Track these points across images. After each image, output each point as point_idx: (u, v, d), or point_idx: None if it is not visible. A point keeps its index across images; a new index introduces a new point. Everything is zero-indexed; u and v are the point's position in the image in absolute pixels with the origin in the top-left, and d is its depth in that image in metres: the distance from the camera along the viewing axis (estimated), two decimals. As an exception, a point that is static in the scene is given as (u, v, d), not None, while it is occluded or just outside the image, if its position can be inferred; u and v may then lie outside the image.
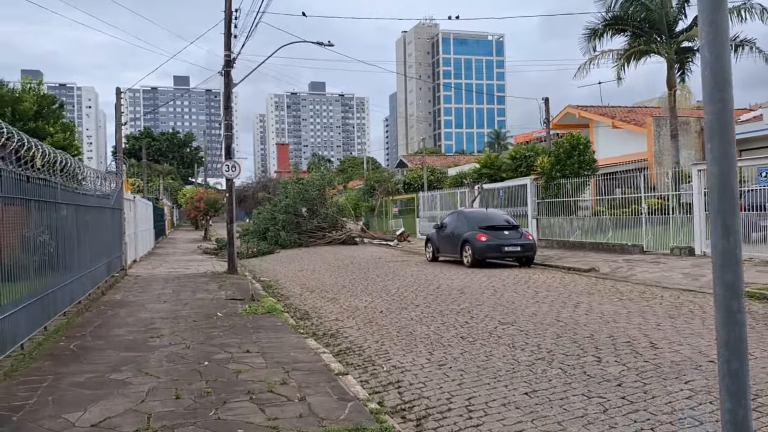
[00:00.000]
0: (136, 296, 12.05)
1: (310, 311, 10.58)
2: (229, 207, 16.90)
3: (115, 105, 16.73)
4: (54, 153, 8.43)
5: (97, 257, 12.37)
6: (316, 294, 12.60)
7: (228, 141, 16.62)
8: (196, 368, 6.23)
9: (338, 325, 9.08)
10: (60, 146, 14.30)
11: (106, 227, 13.85)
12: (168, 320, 9.21)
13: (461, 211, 17.61)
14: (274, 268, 19.31)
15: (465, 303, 10.16)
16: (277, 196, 31.34)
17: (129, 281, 14.82)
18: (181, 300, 11.41)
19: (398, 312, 9.74)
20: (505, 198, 25.18)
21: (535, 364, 6.30)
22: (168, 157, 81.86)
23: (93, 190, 12.18)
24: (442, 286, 12.45)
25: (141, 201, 24.74)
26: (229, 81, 16.45)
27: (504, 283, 12.61)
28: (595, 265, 14.94)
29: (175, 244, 33.12)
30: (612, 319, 8.40)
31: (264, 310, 9.98)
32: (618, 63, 20.56)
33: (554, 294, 10.80)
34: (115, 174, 15.84)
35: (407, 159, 55.03)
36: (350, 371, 6.38)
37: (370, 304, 10.70)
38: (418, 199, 34.38)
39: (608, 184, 21.05)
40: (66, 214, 9.50)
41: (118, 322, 9.10)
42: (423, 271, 15.67)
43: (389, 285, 13.10)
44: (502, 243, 15.63)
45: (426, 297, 11.05)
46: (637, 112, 28.93)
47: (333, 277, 15.50)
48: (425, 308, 9.91)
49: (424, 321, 8.86)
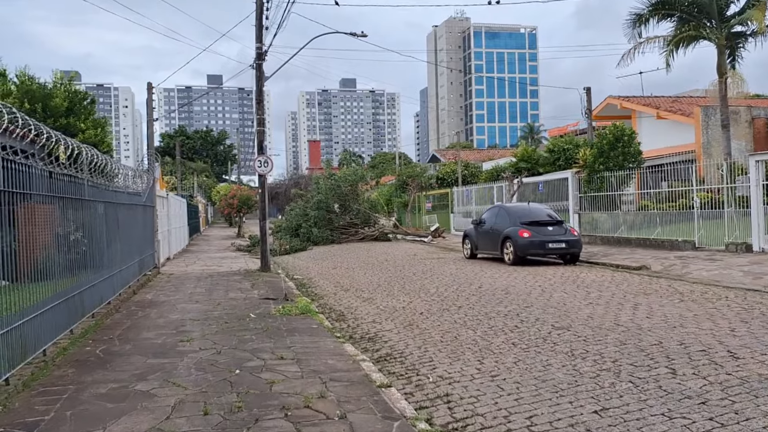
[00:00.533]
0: (168, 296, 11.71)
1: (346, 312, 10.06)
2: (262, 204, 16.52)
3: (147, 100, 16.49)
4: (79, 147, 8.06)
5: (129, 256, 12.08)
6: (351, 293, 12.09)
7: (260, 136, 16.22)
8: (227, 378, 5.75)
9: (376, 328, 8.53)
10: (91, 143, 14.09)
11: (138, 225, 13.58)
12: (199, 322, 8.79)
13: (501, 206, 16.88)
14: (306, 265, 18.89)
15: (512, 304, 9.50)
16: (309, 193, 30.98)
17: (162, 280, 14.55)
18: (213, 300, 11.02)
19: (440, 314, 9.14)
20: (544, 192, 24.32)
21: (601, 375, 5.63)
22: (202, 155, 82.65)
23: (124, 187, 11.87)
24: (484, 285, 11.79)
25: (174, 198, 24.63)
26: (260, 74, 16.04)
27: (551, 282, 11.89)
28: (646, 263, 14.08)
29: (209, 242, 33.11)
30: (678, 323, 7.64)
31: (298, 310, 9.50)
32: (666, 49, 19.48)
33: (607, 294, 10.05)
34: (147, 171, 15.58)
35: (440, 153, 54.23)
36: (393, 382, 5.82)
37: (409, 305, 10.12)
38: (452, 194, 33.65)
39: (653, 177, 20.05)
40: (94, 211, 9.16)
41: (148, 324, 8.72)
42: (462, 269, 15.02)
43: (427, 284, 12.50)
44: (545, 239, 14.86)
45: (468, 298, 10.42)
46: (682, 102, 27.65)
47: (367, 275, 14.97)
48: (468, 310, 9.28)
49: (469, 324, 8.24)
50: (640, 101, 26.96)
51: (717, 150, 22.10)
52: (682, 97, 29.40)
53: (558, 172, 24.05)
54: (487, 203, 29.96)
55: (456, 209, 33.11)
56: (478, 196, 30.45)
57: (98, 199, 9.52)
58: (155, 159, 16.20)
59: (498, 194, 28.33)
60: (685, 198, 18.61)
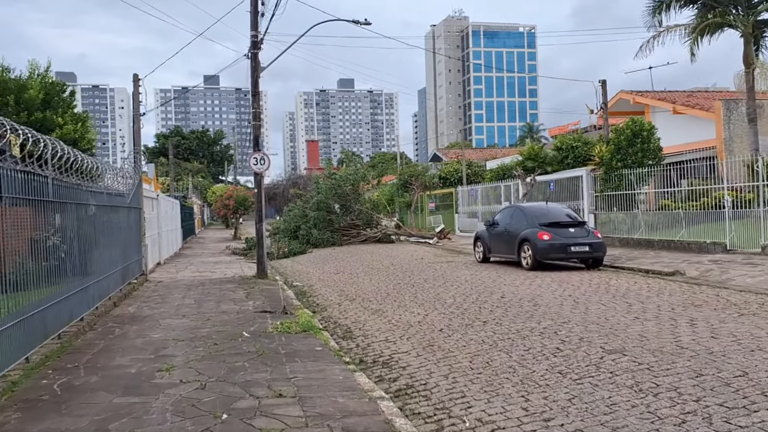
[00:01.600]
0: (153, 309, 10.46)
1: (353, 327, 8.84)
2: (258, 204, 15.27)
3: (133, 93, 15.22)
4: (42, 139, 6.82)
5: (109, 263, 10.83)
6: (358, 303, 10.85)
7: (256, 131, 14.98)
8: (210, 427, 4.51)
9: (390, 349, 7.30)
10: (71, 139, 12.84)
11: (121, 229, 12.33)
12: (183, 343, 7.54)
13: (518, 206, 15.64)
14: (307, 270, 17.66)
15: (545, 319, 8.27)
16: (309, 193, 29.73)
17: (148, 288, 13.30)
18: (203, 313, 9.78)
19: (462, 331, 7.91)
20: (555, 191, 23.11)
21: (687, 422, 4.41)
22: (198, 156, 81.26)
23: (103, 187, 10.63)
24: (506, 294, 10.56)
25: (166, 199, 23.37)
26: (256, 65, 14.80)
27: (580, 291, 10.66)
28: (678, 268, 12.86)
29: (204, 244, 31.84)
30: (755, 345, 6.42)
31: (299, 327, 8.26)
32: (690, 38, 18.27)
33: (652, 307, 8.82)
34: (133, 169, 14.32)
35: (441, 153, 53.03)
36: (420, 427, 4.61)
37: (425, 319, 8.89)
38: (456, 193, 32.43)
39: (672, 175, 18.87)
40: (63, 214, 7.91)
41: (124, 346, 7.47)
42: (477, 274, 13.78)
43: (442, 293, 11.26)
44: (567, 242, 13.64)
45: (492, 310, 9.18)
46: (698, 96, 26.46)
47: (374, 281, 13.74)
48: (496, 326, 8.05)
49: (500, 345, 7.01)
50: (655, 96, 25.77)
51: (740, 146, 20.91)
52: (697, 92, 28.22)
53: (570, 170, 22.84)
54: (494, 203, 28.76)
55: (461, 209, 31.89)
56: (485, 196, 29.23)
57: (68, 200, 8.27)
58: (141, 157, 14.94)
59: (506, 193, 27.12)
60: (707, 197, 17.42)
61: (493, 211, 28.89)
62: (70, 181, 8.45)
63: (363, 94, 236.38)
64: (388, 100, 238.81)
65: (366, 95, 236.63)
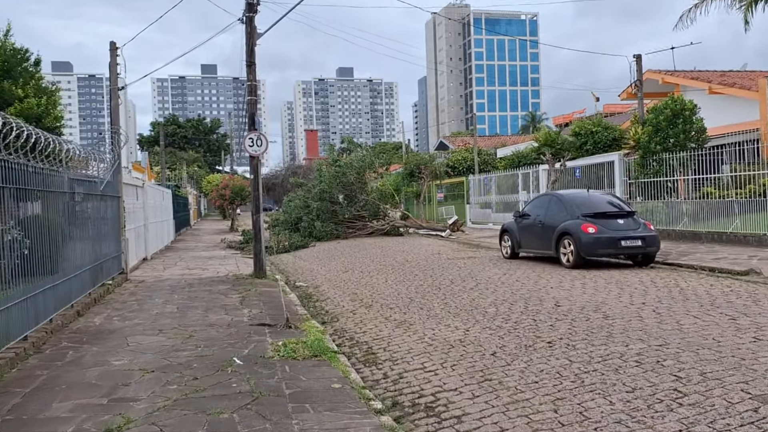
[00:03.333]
0: (124, 319, 8.50)
1: (376, 347, 6.90)
2: (255, 193, 13.29)
3: (109, 64, 13.22)
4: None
5: (71, 263, 8.88)
6: (376, 312, 8.90)
7: (252, 108, 12.96)
8: None
9: (432, 384, 5.37)
10: (33, 115, 10.83)
11: (92, 221, 10.37)
12: (153, 375, 5.60)
13: (555, 194, 13.61)
14: (311, 267, 15.71)
15: (632, 340, 6.30)
16: (311, 182, 27.69)
17: (126, 291, 11.34)
18: (185, 327, 7.82)
19: (525, 356, 5.96)
20: (581, 178, 21.14)
21: None
22: (194, 145, 79.16)
23: (63, 171, 8.65)
24: (560, 301, 8.59)
25: (154, 188, 21.39)
26: (252, 30, 12.77)
27: (651, 296, 8.69)
28: (751, 265, 10.90)
29: (199, 237, 29.86)
30: None
31: (307, 350, 6.32)
32: (744, 3, 16.23)
33: (764, 321, 6.85)
34: (110, 152, 12.34)
35: (448, 140, 50.98)
36: None
37: (467, 336, 6.95)
38: (467, 182, 30.42)
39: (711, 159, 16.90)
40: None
41: (72, 381, 5.52)
42: (511, 274, 11.82)
43: (478, 299, 9.30)
44: (616, 236, 11.66)
45: (553, 324, 7.22)
46: (731, 76, 24.42)
47: (390, 282, 11.78)
48: (568, 349, 6.10)
49: (588, 382, 5.06)
50: (686, 75, 23.73)
51: (787, 128, 18.90)
52: (729, 72, 26.16)
53: (601, 155, 20.85)
54: (509, 192, 26.81)
55: (472, 199, 29.91)
56: (499, 185, 27.25)
57: (8, 184, 6.32)
58: (122, 138, 12.94)
59: (524, 182, 25.16)
60: (753, 183, 15.50)
61: (508, 201, 26.94)
62: (13, 160, 6.50)
63: (362, 83, 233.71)
64: (388, 89, 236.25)
65: (365, 84, 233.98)
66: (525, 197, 25.11)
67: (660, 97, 23.12)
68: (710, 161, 17.09)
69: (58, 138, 8.85)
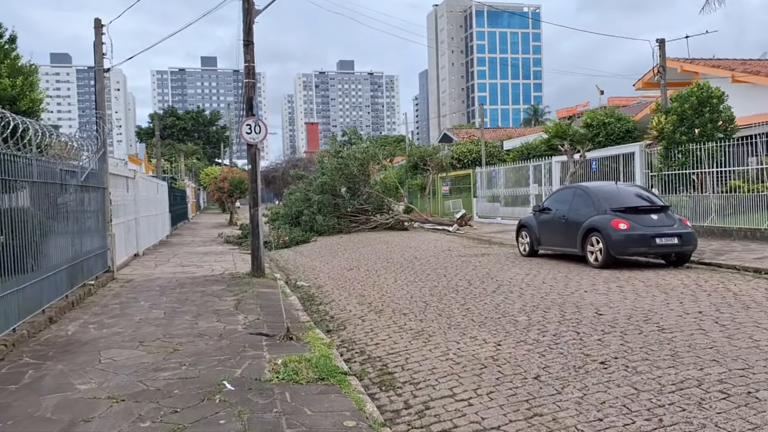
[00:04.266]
0: (102, 327, 7.45)
1: (392, 364, 5.84)
2: (253, 185, 12.21)
3: (94, 43, 12.10)
4: None
5: (46, 264, 7.82)
6: (388, 318, 7.85)
7: (250, 92, 11.88)
8: None
9: (466, 418, 4.35)
10: (7, 97, 9.74)
11: (70, 214, 9.30)
12: (123, 406, 4.54)
13: (580, 187, 12.50)
14: (312, 264, 14.65)
15: (704, 362, 5.24)
16: (312, 174, 26.60)
17: (110, 292, 10.28)
18: (171, 338, 6.77)
19: (576, 381, 4.90)
20: (597, 171, 20.08)
21: None
22: (194, 137, 77.97)
23: (33, 158, 7.59)
24: (602, 309, 7.53)
25: (147, 180, 20.32)
26: (249, 6, 11.67)
27: (703, 303, 7.63)
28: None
29: (196, 231, 28.80)
30: None
31: (312, 370, 5.27)
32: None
33: None
34: (95, 139, 11.25)
35: (452, 132, 49.84)
36: None
37: (500, 353, 5.89)
38: (474, 175, 29.35)
39: (738, 151, 15.86)
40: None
41: (22, 413, 4.47)
42: (534, 274, 10.75)
43: (503, 304, 8.25)
44: (651, 233, 10.59)
45: (600, 339, 6.16)
46: (754, 65, 23.29)
47: (400, 282, 10.73)
48: (629, 373, 5.03)
49: (668, 422, 4.00)
50: (707, 63, 22.59)
51: (819, 118, 17.79)
52: (749, 61, 25.04)
53: (620, 146, 19.77)
54: (519, 185, 25.76)
55: (480, 193, 28.86)
56: (509, 178, 26.18)
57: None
58: (108, 125, 11.85)
59: (535, 174, 24.10)
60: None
61: (517, 195, 25.89)
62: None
63: (363, 76, 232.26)
64: (389, 82, 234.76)
65: (366, 77, 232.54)
66: (536, 190, 24.05)
67: (678, 86, 21.99)
68: (736, 153, 16.07)
69: (31, 120, 7.78)
